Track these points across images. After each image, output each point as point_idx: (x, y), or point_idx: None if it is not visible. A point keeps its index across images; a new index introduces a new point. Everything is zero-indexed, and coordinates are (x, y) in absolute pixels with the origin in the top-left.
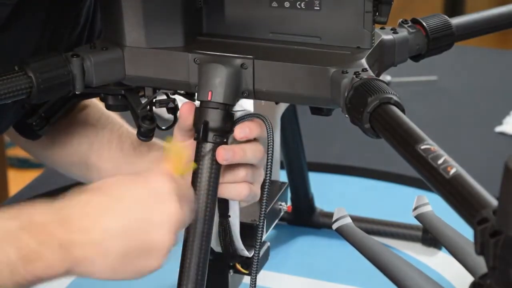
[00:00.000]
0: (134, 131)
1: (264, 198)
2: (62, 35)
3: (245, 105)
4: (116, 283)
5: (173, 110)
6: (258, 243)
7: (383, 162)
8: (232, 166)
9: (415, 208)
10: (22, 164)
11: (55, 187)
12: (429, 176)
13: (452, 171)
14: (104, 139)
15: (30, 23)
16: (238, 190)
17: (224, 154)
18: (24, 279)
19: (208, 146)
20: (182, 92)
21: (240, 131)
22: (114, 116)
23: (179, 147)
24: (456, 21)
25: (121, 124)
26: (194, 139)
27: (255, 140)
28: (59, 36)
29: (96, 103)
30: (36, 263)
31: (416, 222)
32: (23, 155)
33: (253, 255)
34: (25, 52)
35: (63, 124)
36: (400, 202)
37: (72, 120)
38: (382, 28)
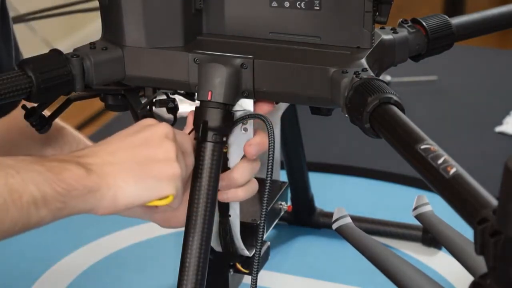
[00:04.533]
0: None
1: (265, 198)
2: None
3: (245, 105)
4: (117, 284)
5: (173, 110)
6: (259, 243)
7: (383, 162)
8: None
9: (415, 208)
10: None
11: None
12: (429, 176)
13: (452, 171)
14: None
15: None
16: (237, 193)
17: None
18: (61, 187)
19: (207, 146)
20: (182, 92)
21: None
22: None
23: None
24: (456, 21)
25: None
26: (194, 138)
27: None
28: None
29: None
30: (64, 173)
31: (416, 222)
32: None
33: (254, 254)
34: None
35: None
36: (400, 202)
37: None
38: (382, 28)
